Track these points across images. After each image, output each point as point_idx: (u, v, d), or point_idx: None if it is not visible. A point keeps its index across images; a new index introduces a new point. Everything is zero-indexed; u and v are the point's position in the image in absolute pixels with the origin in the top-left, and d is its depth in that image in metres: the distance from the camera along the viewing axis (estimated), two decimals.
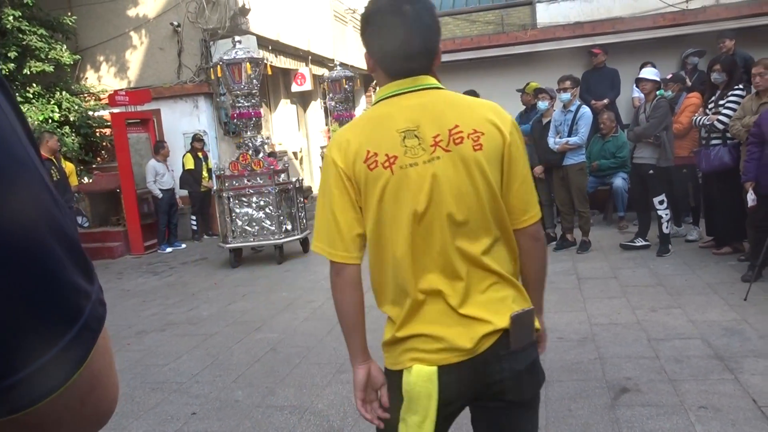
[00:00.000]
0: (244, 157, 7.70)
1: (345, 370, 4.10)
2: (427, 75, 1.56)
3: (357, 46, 17.45)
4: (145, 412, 3.74)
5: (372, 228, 1.53)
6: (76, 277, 0.51)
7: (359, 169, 1.50)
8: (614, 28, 8.84)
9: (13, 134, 0.50)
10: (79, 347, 0.51)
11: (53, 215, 0.51)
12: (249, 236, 7.73)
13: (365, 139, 1.52)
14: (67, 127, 9.62)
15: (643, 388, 3.44)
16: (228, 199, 7.64)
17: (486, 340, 1.51)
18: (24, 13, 9.16)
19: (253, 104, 7.79)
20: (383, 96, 1.57)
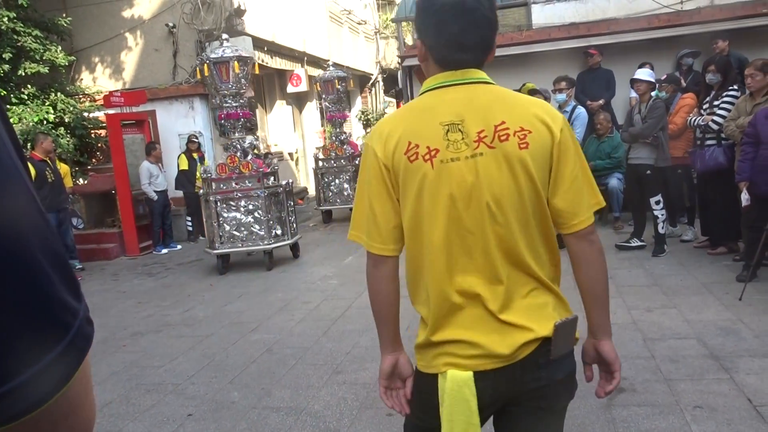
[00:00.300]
0: (232, 160, 7.44)
1: (341, 371, 4.10)
2: (478, 69, 1.51)
3: (352, 47, 17.46)
4: (140, 413, 3.73)
5: (409, 221, 1.48)
6: (63, 293, 0.50)
7: (398, 161, 1.45)
8: (609, 29, 8.86)
9: (2, 146, 0.48)
10: (62, 367, 0.49)
11: (42, 230, 0.49)
12: (237, 241, 7.47)
13: (407, 130, 1.47)
14: (62, 129, 9.60)
15: (639, 388, 3.44)
16: (215, 203, 7.39)
17: (525, 348, 1.45)
18: (19, 14, 9.14)
19: (241, 104, 7.56)
20: (430, 87, 1.52)
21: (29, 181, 0.51)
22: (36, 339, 0.47)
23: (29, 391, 0.46)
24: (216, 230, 7.42)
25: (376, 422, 3.36)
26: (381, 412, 3.46)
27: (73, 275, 0.52)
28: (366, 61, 19.00)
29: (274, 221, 7.49)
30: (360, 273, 6.97)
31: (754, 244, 5.08)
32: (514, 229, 1.45)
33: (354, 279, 6.49)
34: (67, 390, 0.49)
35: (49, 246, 0.49)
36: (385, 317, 1.58)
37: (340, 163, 10.61)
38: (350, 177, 10.51)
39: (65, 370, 0.49)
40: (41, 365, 0.47)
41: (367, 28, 19.18)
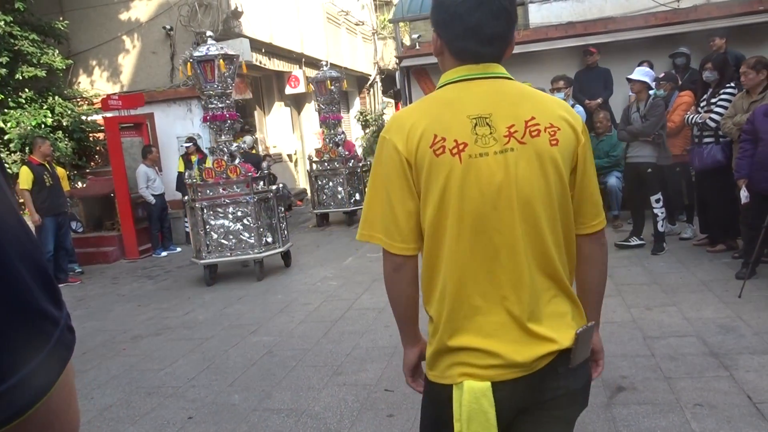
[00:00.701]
0: (219, 164, 7.05)
1: (341, 372, 4.10)
2: (498, 64, 1.47)
3: (350, 48, 17.46)
4: (141, 417, 3.73)
5: (431, 218, 1.40)
6: (43, 302, 0.50)
7: (423, 154, 1.38)
8: (606, 27, 8.87)
9: None
10: (42, 376, 0.48)
11: (21, 240, 0.49)
12: (225, 250, 7.10)
13: (432, 122, 1.39)
14: (60, 132, 9.59)
15: (639, 387, 3.44)
16: (201, 210, 7.00)
17: (546, 357, 1.40)
18: (15, 18, 9.13)
19: (228, 105, 7.13)
20: (451, 80, 1.46)
21: (9, 190, 0.50)
22: (16, 348, 0.47)
23: (9, 400, 0.46)
24: (203, 239, 7.03)
25: (377, 423, 3.36)
26: (381, 413, 3.46)
27: (53, 283, 0.52)
28: (364, 61, 19.01)
29: (265, 228, 7.17)
30: (359, 274, 7.00)
31: (752, 241, 5.09)
32: (543, 229, 1.40)
33: (354, 280, 6.48)
34: (48, 399, 0.49)
35: (28, 255, 0.49)
36: (409, 318, 1.56)
37: (334, 166, 10.41)
38: (344, 180, 10.30)
39: (46, 378, 0.49)
40: (21, 374, 0.46)
41: (364, 28, 19.19)
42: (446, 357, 1.43)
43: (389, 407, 3.53)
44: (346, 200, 10.32)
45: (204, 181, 7.06)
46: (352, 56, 17.61)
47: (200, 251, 7.08)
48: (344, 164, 10.33)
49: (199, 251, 7.09)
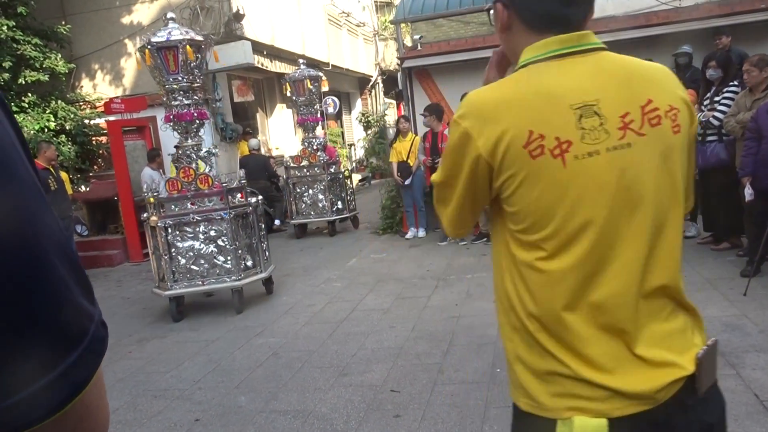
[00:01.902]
0: (186, 173, 5.81)
1: (347, 373, 4.11)
2: (589, 31, 1.19)
3: (351, 50, 17.48)
4: (148, 419, 3.74)
5: (525, 231, 1.15)
6: (80, 297, 0.51)
7: (515, 157, 1.10)
8: (607, 26, 8.86)
9: (18, 157, 0.49)
10: (81, 371, 0.50)
11: (57, 237, 0.50)
12: (196, 278, 5.84)
13: (525, 113, 1.11)
14: (63, 136, 9.62)
15: None
16: (165, 229, 5.76)
17: (671, 387, 1.14)
18: (18, 23, 9.17)
19: (196, 102, 5.94)
20: (538, 56, 1.17)
21: (42, 189, 0.52)
22: (56, 344, 0.48)
23: (49, 396, 0.47)
24: (167, 265, 5.77)
25: (384, 424, 3.36)
26: (388, 414, 3.47)
27: (86, 278, 0.53)
28: (365, 63, 19.03)
29: (243, 250, 5.98)
30: (364, 275, 7.01)
31: (757, 238, 5.08)
32: (668, 237, 1.16)
33: (358, 281, 6.49)
34: (84, 394, 0.50)
35: (64, 252, 0.50)
36: None
37: (314, 172, 9.70)
38: (325, 187, 9.61)
39: (84, 373, 0.50)
40: (61, 369, 0.48)
41: (366, 30, 19.21)
42: (549, 382, 1.17)
43: (396, 408, 3.54)
44: (328, 209, 9.68)
45: (169, 194, 5.82)
46: (353, 57, 17.63)
47: (164, 280, 5.84)
48: (325, 170, 9.66)
49: (163, 279, 5.87)
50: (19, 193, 0.47)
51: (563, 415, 1.14)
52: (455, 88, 9.08)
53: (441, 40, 10.39)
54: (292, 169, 9.83)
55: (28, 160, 0.52)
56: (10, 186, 0.47)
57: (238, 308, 5.86)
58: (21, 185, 0.48)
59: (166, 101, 5.96)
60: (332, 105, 15.94)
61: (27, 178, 0.49)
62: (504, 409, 3.37)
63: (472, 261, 6.96)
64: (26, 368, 0.46)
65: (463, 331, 4.68)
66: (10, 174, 0.47)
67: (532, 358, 1.18)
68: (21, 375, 0.46)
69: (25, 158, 0.51)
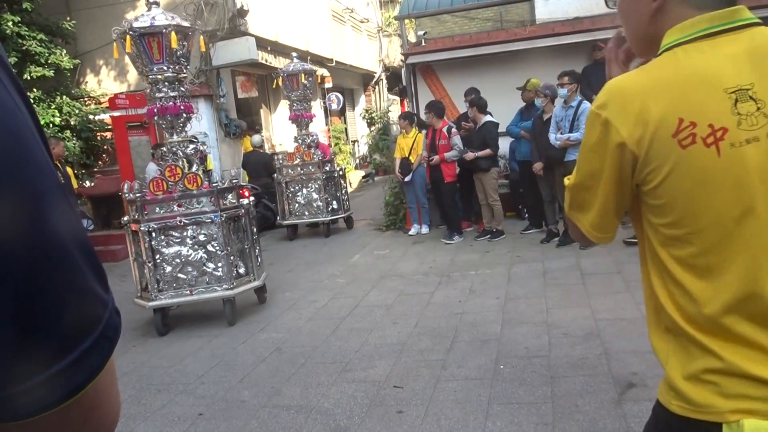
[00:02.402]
0: (172, 172, 5.28)
1: (350, 369, 4.11)
2: (741, 5, 1.11)
3: (355, 46, 17.46)
4: (151, 413, 3.75)
5: (677, 226, 1.09)
6: (95, 285, 0.51)
7: (662, 146, 1.04)
8: (614, 22, 8.80)
9: (38, 148, 0.50)
10: (94, 356, 0.50)
11: (75, 225, 0.51)
12: (183, 286, 5.32)
13: (674, 99, 1.05)
14: (68, 132, 9.65)
15: (650, 383, 3.43)
16: (149, 233, 5.22)
17: None
18: (23, 19, 9.18)
19: (183, 94, 5.43)
20: (685, 37, 1.09)
21: (57, 176, 0.52)
22: (71, 329, 0.49)
23: (63, 382, 0.48)
24: (150, 273, 5.23)
25: (386, 420, 3.37)
26: (391, 410, 3.47)
27: (101, 266, 0.54)
28: (369, 59, 19.00)
29: (236, 256, 5.47)
30: (367, 271, 7.01)
31: None
32: None
33: (361, 277, 6.49)
34: (97, 381, 0.51)
35: (80, 240, 0.51)
36: None
37: (309, 171, 9.23)
38: (320, 186, 9.15)
39: (97, 360, 0.51)
40: (75, 355, 0.48)
41: (369, 26, 19.18)
42: (709, 385, 1.08)
43: (398, 404, 3.54)
44: (323, 209, 9.22)
45: (153, 195, 5.25)
46: (357, 54, 17.60)
47: (147, 290, 5.29)
48: (320, 168, 9.21)
49: (146, 289, 5.34)
50: (37, 179, 0.48)
51: (729, 418, 1.05)
52: (459, 84, 9.08)
53: (445, 36, 10.38)
54: (285, 167, 9.36)
55: (45, 147, 0.52)
56: (29, 173, 0.47)
57: (231, 320, 5.36)
58: (39, 172, 0.48)
59: (150, 93, 5.44)
60: (336, 101, 15.93)
61: (45, 166, 0.49)
62: (507, 406, 3.37)
63: (476, 258, 6.95)
64: (41, 354, 0.47)
65: (466, 327, 4.68)
66: (27, 161, 0.47)
67: (689, 359, 1.11)
68: (36, 360, 0.46)
69: (43, 146, 0.51)
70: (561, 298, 5.14)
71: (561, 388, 3.50)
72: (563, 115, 6.84)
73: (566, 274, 5.88)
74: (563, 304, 4.95)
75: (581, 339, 4.19)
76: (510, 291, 5.51)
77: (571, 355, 3.94)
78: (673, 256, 1.10)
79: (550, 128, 6.90)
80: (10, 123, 0.47)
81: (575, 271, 5.93)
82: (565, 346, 4.09)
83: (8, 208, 0.45)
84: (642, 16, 1.16)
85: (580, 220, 1.22)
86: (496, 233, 7.75)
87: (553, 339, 4.25)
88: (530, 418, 3.20)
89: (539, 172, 7.14)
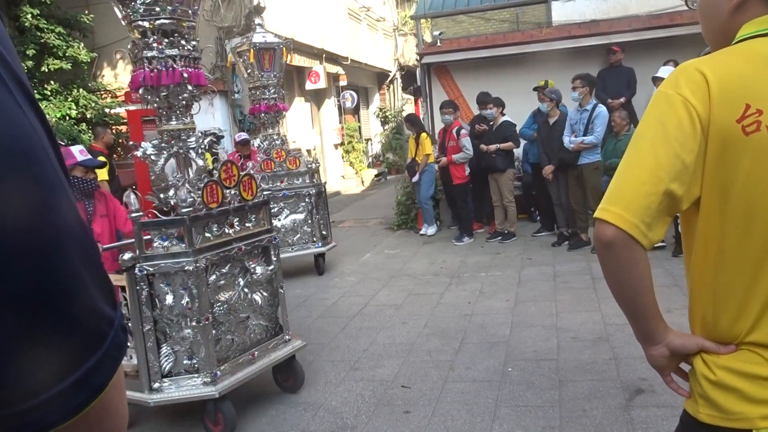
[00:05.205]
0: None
1: (358, 368, 4.12)
2: None
3: (371, 44, 17.46)
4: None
5: (732, 216, 1.08)
6: (100, 302, 0.50)
7: (724, 128, 1.04)
8: (630, 26, 8.77)
9: (45, 157, 0.48)
10: (98, 375, 0.50)
11: (82, 240, 0.50)
12: (240, 354, 3.50)
13: (744, 85, 1.05)
14: (83, 124, 9.73)
15: (658, 389, 3.41)
16: (205, 269, 3.25)
17: None
18: (42, 12, 9.27)
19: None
20: (760, 31, 1.11)
21: (69, 188, 0.51)
22: (74, 349, 0.48)
23: (66, 400, 0.48)
24: (210, 346, 3.24)
25: (393, 419, 3.37)
26: (398, 409, 3.48)
27: (109, 283, 0.53)
28: (384, 58, 19.00)
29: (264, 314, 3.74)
30: (377, 270, 7.02)
31: None
32: None
33: (371, 276, 6.50)
34: (103, 396, 0.51)
35: (88, 255, 0.50)
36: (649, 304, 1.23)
37: (294, 183, 6.71)
38: (312, 206, 6.68)
39: (101, 378, 0.50)
40: (78, 375, 0.48)
41: (385, 25, 19.18)
42: (740, 388, 1.09)
43: (406, 404, 3.54)
44: (318, 237, 6.75)
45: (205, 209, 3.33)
46: (372, 52, 17.60)
47: (205, 365, 3.25)
48: (311, 181, 6.75)
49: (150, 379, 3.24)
50: (37, 186, 0.46)
51: (759, 424, 1.05)
52: (474, 84, 9.05)
53: (461, 36, 10.35)
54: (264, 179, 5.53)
55: (58, 160, 0.51)
56: (27, 177, 0.45)
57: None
58: (53, 192, 0.47)
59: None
60: (350, 99, 15.95)
61: (57, 184, 0.48)
62: (514, 409, 3.37)
63: (487, 259, 6.94)
64: (44, 372, 0.46)
65: (475, 329, 4.68)
66: (27, 163, 0.46)
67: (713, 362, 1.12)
68: (39, 379, 0.46)
69: (56, 160, 0.50)
70: (571, 301, 5.12)
71: (569, 392, 3.49)
72: (578, 118, 6.81)
73: (577, 277, 5.86)
74: (573, 308, 4.94)
75: (590, 343, 4.17)
76: (520, 293, 5.50)
77: (580, 360, 3.93)
78: (722, 246, 1.11)
79: (564, 131, 6.88)
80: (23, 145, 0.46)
81: (586, 275, 5.91)
82: (574, 350, 4.08)
83: (13, 209, 0.44)
84: (721, 13, 1.18)
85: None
86: (507, 235, 7.74)
87: (562, 343, 4.24)
88: (537, 422, 3.20)
89: (548, 176, 7.12)
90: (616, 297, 1.20)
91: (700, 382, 1.14)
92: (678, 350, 1.20)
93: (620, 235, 1.08)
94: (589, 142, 6.65)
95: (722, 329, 1.14)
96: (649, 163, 1.07)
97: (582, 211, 6.97)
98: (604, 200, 1.13)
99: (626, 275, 1.14)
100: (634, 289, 1.17)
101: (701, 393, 1.13)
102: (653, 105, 1.12)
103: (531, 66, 9.00)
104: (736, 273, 1.11)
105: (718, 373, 1.12)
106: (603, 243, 1.11)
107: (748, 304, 1.10)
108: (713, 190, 1.08)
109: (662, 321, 1.22)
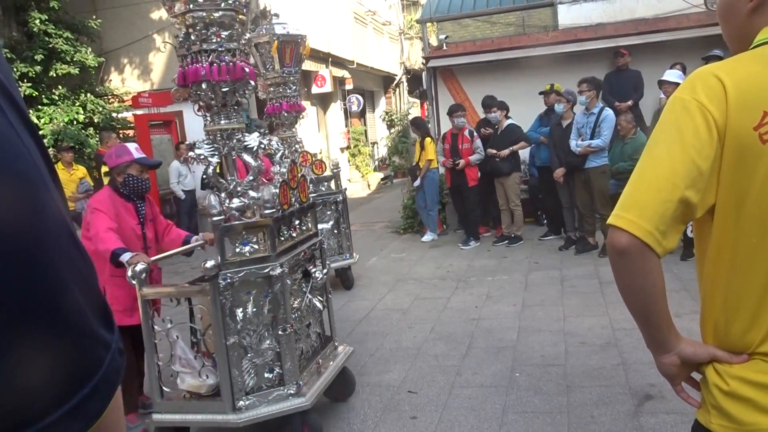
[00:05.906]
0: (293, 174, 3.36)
1: (365, 373, 4.11)
2: None
3: (377, 48, 17.49)
4: None
5: (748, 225, 1.07)
6: (96, 326, 0.49)
7: (740, 135, 1.03)
8: (637, 29, 8.74)
9: (41, 181, 0.47)
10: (94, 403, 0.48)
11: (75, 262, 0.48)
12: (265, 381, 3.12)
13: (761, 93, 1.03)
14: (91, 129, 9.78)
15: (667, 395, 3.39)
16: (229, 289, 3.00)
17: None
18: (50, 17, 9.33)
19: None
20: None
21: (62, 205, 0.49)
22: (69, 376, 0.47)
23: (62, 428, 0.46)
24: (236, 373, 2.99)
25: (400, 425, 3.36)
26: (405, 415, 3.46)
27: (106, 305, 0.52)
28: (390, 61, 19.03)
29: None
30: (384, 274, 7.00)
31: None
32: None
33: (378, 281, 6.49)
34: (100, 422, 0.49)
35: (82, 276, 0.49)
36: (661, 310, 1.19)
37: (318, 190, 6.16)
38: (335, 216, 6.17)
39: (97, 405, 0.49)
40: (74, 402, 0.46)
41: (391, 28, 19.21)
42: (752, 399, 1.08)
43: (413, 409, 3.53)
44: (345, 247, 6.23)
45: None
46: (378, 56, 17.63)
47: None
48: (338, 188, 6.30)
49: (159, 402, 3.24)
50: (44, 225, 0.45)
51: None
52: (480, 88, 9.04)
53: (467, 40, 10.34)
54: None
55: (52, 178, 0.49)
56: (37, 223, 0.44)
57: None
58: (46, 217, 0.45)
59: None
60: (356, 103, 15.97)
61: (52, 208, 0.46)
62: (522, 415, 3.35)
63: (493, 263, 6.92)
64: (36, 404, 0.44)
65: (482, 333, 4.66)
66: (39, 211, 0.44)
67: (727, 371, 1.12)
68: (32, 411, 0.44)
69: (50, 179, 0.48)
70: (579, 306, 5.09)
71: (577, 397, 3.47)
72: (584, 121, 6.79)
73: (584, 282, 5.83)
74: (581, 313, 4.91)
75: (598, 348, 4.15)
76: (527, 298, 5.48)
77: (588, 365, 3.90)
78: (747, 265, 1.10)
79: (571, 135, 6.85)
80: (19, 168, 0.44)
81: (593, 279, 5.88)
82: (582, 356, 4.05)
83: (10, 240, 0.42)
84: (739, 15, 1.16)
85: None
86: (513, 239, 7.71)
87: (569, 348, 4.21)
88: (545, 428, 3.18)
89: (560, 179, 7.09)
90: (628, 304, 1.18)
91: (712, 392, 1.13)
92: (689, 359, 1.19)
93: (635, 243, 1.06)
94: (596, 145, 6.62)
95: (734, 338, 1.12)
96: (665, 170, 1.06)
97: (589, 214, 6.94)
98: (618, 206, 1.11)
99: (639, 283, 1.12)
100: (647, 297, 1.14)
101: (713, 403, 1.12)
102: (669, 110, 1.11)
103: (537, 70, 8.99)
104: (749, 281, 1.09)
105: (731, 383, 1.10)
106: (617, 250, 1.10)
107: (761, 313, 1.08)
108: (728, 198, 1.07)
109: (674, 329, 1.20)
